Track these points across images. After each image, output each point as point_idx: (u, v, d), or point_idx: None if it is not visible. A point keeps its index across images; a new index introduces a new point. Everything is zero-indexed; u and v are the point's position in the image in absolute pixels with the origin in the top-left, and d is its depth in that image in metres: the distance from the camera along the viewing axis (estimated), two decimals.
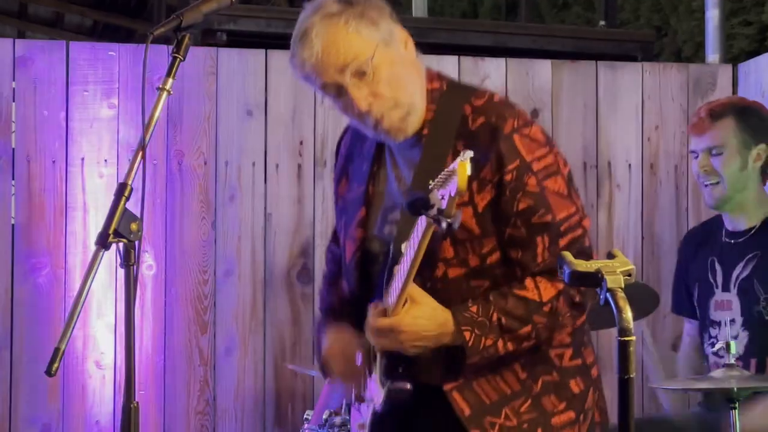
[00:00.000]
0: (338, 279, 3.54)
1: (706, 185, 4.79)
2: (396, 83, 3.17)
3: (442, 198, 2.71)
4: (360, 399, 3.37)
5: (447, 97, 3.25)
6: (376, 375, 3.25)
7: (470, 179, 2.77)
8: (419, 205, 2.77)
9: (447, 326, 3.00)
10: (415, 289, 3.03)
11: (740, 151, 4.68)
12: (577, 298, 3.12)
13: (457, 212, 2.73)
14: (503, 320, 3.05)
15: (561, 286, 3.09)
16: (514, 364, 3.21)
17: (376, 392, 3.26)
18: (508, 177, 3.12)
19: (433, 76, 3.28)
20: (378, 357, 3.23)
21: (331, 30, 3.17)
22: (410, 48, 3.25)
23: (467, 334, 3.01)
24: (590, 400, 3.29)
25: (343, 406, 4.57)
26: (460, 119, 3.19)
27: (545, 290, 3.09)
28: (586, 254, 3.08)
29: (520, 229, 3.14)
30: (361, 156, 3.42)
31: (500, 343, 3.06)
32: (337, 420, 4.60)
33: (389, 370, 3.20)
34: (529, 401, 3.22)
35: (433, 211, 2.74)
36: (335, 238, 3.57)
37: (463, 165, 2.65)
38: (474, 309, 3.07)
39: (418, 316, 2.94)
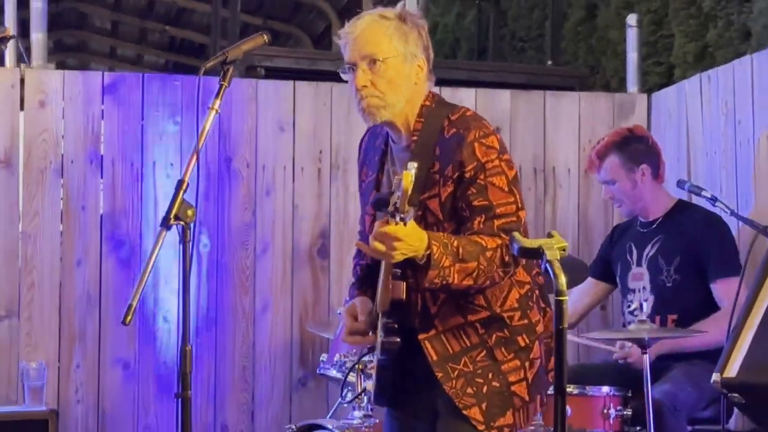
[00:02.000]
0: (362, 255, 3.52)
1: (615, 206, 4.95)
2: (391, 85, 3.18)
3: (398, 198, 2.78)
4: (372, 349, 3.36)
5: (433, 112, 3.25)
6: (378, 330, 3.25)
7: (436, 179, 3.06)
8: (381, 203, 2.90)
9: (424, 240, 2.97)
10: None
11: (628, 176, 4.80)
12: (506, 258, 3.10)
13: (409, 209, 2.84)
14: (460, 249, 3.03)
15: (499, 241, 3.09)
16: (474, 322, 3.20)
17: (378, 345, 3.26)
18: (467, 174, 3.13)
19: (428, 96, 3.29)
20: (380, 316, 3.22)
21: (375, 26, 3.21)
22: (420, 75, 3.26)
23: (435, 248, 2.98)
24: (536, 351, 3.25)
25: (351, 351, 4.56)
26: (440, 129, 3.20)
27: (489, 242, 3.08)
28: None
29: (465, 211, 3.14)
30: (374, 149, 3.41)
31: (453, 269, 3.02)
32: (346, 361, 4.60)
33: (386, 328, 3.19)
34: (484, 352, 3.21)
35: (391, 208, 2.82)
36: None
37: (407, 174, 2.74)
38: (442, 235, 3.07)
39: (410, 231, 2.91)
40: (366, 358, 4.21)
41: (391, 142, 3.34)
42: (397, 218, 2.83)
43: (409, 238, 2.92)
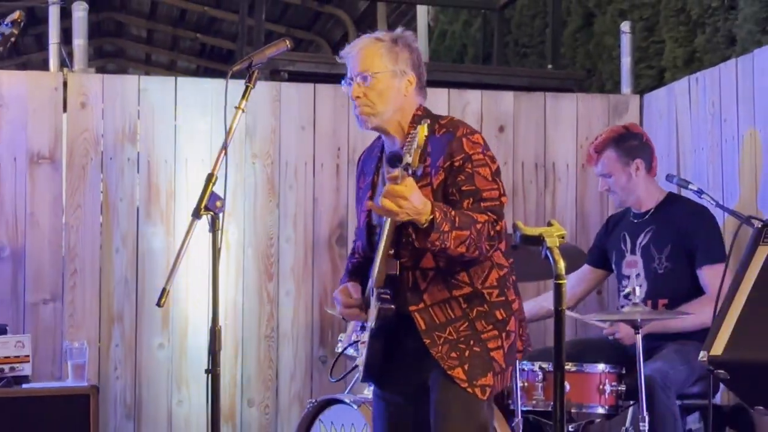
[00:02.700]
0: (354, 253, 3.64)
1: (610, 196, 4.93)
2: (380, 97, 3.35)
3: (410, 155, 2.93)
4: (363, 328, 3.46)
5: (424, 120, 3.32)
6: (372, 305, 3.33)
7: (427, 171, 3.20)
8: (394, 159, 2.99)
9: (427, 206, 3.07)
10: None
11: (624, 170, 4.79)
12: (492, 233, 3.21)
13: (419, 165, 3.00)
14: (456, 218, 3.12)
15: (486, 217, 3.21)
16: (458, 297, 3.30)
17: (371, 316, 3.33)
18: (456, 164, 3.27)
19: (420, 108, 3.43)
20: (374, 292, 3.31)
21: (369, 47, 3.38)
22: (410, 89, 3.41)
23: (437, 213, 3.08)
24: (512, 325, 3.36)
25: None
26: (431, 132, 3.31)
27: (478, 216, 3.19)
28: (498, 216, 3.24)
29: (455, 195, 3.26)
30: (371, 159, 3.55)
31: (450, 235, 3.11)
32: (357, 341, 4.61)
33: (381, 297, 3.28)
34: (466, 323, 3.31)
35: (403, 164, 2.95)
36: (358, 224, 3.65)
37: (422, 128, 2.94)
38: (443, 205, 3.17)
39: (416, 194, 3.03)
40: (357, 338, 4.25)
41: (385, 149, 3.47)
42: (409, 171, 2.95)
43: (415, 199, 3.03)
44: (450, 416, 3.26)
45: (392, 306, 3.26)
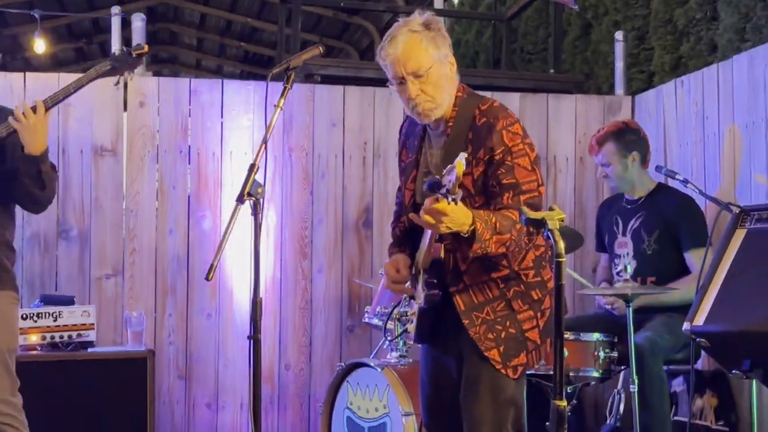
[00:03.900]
0: (401, 216, 3.48)
1: (606, 182, 4.91)
2: (437, 88, 3.12)
3: (449, 182, 2.73)
4: (412, 297, 3.34)
5: (465, 102, 3.19)
6: (420, 285, 3.24)
7: (469, 160, 2.91)
8: (435, 186, 2.79)
9: (469, 218, 2.91)
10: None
11: (621, 162, 4.77)
12: (531, 229, 2.99)
13: (458, 191, 2.77)
14: (497, 224, 2.97)
15: None
16: (496, 278, 3.17)
17: (420, 295, 3.24)
18: (497, 157, 3.08)
19: (460, 88, 3.22)
20: (421, 273, 3.22)
21: (410, 43, 3.11)
22: (453, 69, 3.19)
23: (478, 224, 2.93)
24: (548, 302, 3.22)
25: (390, 304, 4.56)
26: (472, 118, 3.14)
27: (518, 216, 3.00)
28: (536, 207, 3.04)
29: (496, 188, 3.09)
30: (413, 135, 3.35)
31: (491, 240, 2.97)
32: (385, 311, 4.61)
33: (428, 283, 3.19)
34: (503, 303, 3.17)
35: (443, 190, 2.76)
36: (400, 189, 3.48)
37: (460, 164, 2.69)
38: (483, 212, 3.00)
39: (457, 209, 2.85)
40: (402, 309, 4.22)
41: (428, 129, 3.29)
42: (449, 199, 2.77)
43: (455, 214, 2.86)
44: (479, 394, 3.15)
45: (438, 292, 3.16)
